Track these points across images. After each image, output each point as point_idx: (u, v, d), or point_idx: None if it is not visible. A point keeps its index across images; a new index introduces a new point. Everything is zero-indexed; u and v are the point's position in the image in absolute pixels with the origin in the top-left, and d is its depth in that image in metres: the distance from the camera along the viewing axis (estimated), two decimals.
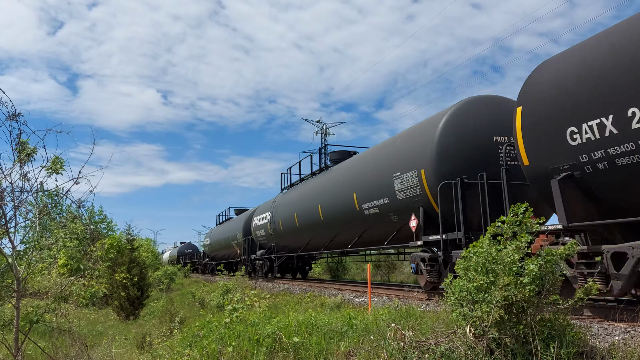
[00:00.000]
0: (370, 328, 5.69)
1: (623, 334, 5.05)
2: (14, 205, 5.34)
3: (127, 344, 8.51)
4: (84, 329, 10.29)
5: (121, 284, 13.00)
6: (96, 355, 7.28)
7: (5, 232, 5.33)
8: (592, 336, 5.01)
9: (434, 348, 4.28)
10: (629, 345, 4.40)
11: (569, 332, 4.15)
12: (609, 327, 5.41)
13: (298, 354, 5.07)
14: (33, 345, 6.58)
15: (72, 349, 7.00)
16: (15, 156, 5.23)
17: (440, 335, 4.68)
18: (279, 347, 5.25)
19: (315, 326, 5.84)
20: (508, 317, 4.02)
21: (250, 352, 5.12)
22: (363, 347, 4.93)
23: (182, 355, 5.37)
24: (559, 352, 3.90)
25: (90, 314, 13.31)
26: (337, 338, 5.47)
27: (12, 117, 5.10)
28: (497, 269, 4.06)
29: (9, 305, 6.24)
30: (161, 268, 28.30)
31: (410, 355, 4.20)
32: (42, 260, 9.39)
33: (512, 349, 3.95)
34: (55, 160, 5.29)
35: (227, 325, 6.18)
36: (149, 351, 6.87)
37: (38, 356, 6.97)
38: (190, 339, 6.27)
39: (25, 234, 6.20)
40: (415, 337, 4.58)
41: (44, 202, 6.42)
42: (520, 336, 4.01)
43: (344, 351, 4.99)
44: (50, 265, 15.93)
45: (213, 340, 5.63)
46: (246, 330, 5.68)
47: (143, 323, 11.58)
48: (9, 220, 5.34)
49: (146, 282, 14.14)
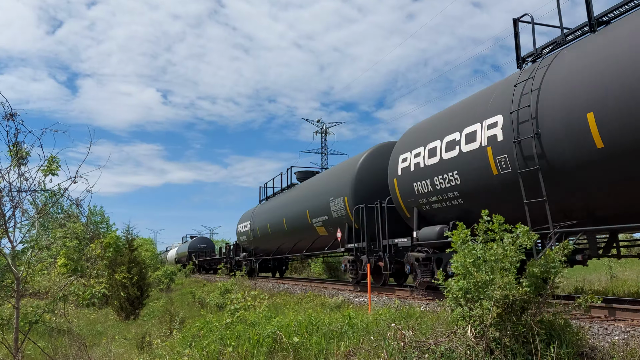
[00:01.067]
0: (370, 328, 5.68)
1: (623, 334, 5.05)
2: (12, 205, 5.33)
3: (126, 344, 8.50)
4: (83, 329, 10.28)
5: (121, 283, 12.99)
6: (96, 355, 7.28)
7: (5, 231, 5.32)
8: (592, 336, 5.00)
9: (434, 348, 4.27)
10: (629, 345, 4.39)
11: (569, 332, 4.14)
12: (609, 327, 5.40)
13: (298, 354, 5.06)
14: (33, 345, 6.57)
15: (72, 348, 7.00)
16: (12, 157, 5.22)
17: (440, 335, 4.67)
18: (279, 347, 5.24)
19: (315, 326, 5.83)
20: (508, 317, 4.01)
21: (250, 352, 5.12)
22: (363, 347, 4.92)
23: (182, 355, 5.36)
24: (559, 352, 3.89)
25: (89, 314, 13.30)
26: (337, 338, 5.46)
27: (9, 117, 5.09)
28: (494, 267, 4.05)
29: (8, 305, 6.24)
30: (161, 268, 28.18)
31: (410, 355, 4.19)
32: (41, 260, 9.38)
33: (512, 348, 3.94)
34: (51, 160, 5.27)
35: (227, 325, 6.18)
36: (149, 351, 6.86)
37: (38, 356, 6.97)
38: (190, 339, 6.26)
39: (25, 234, 6.19)
40: (415, 337, 4.58)
41: (42, 201, 6.41)
42: (520, 336, 4.00)
43: (344, 351, 4.98)
44: (50, 265, 15.95)
45: (213, 340, 5.62)
46: (246, 330, 5.68)
47: (143, 323, 11.57)
48: (8, 220, 5.34)
49: (146, 282, 14.13)
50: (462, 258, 4.24)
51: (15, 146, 5.16)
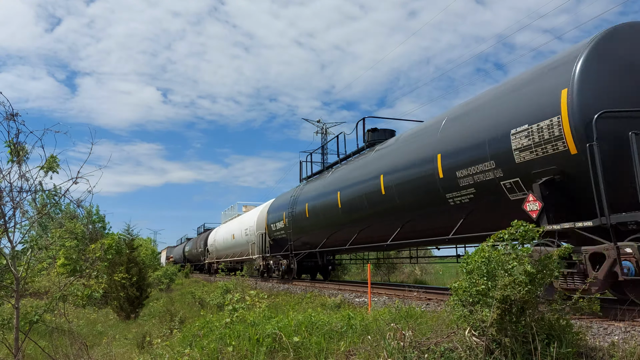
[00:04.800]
0: (370, 328, 5.69)
1: (623, 334, 5.05)
2: (13, 205, 5.33)
3: (127, 344, 8.51)
4: (83, 329, 10.29)
5: (120, 284, 12.99)
6: (96, 355, 7.28)
7: (4, 231, 5.32)
8: (592, 336, 5.01)
9: (434, 348, 4.28)
10: (629, 345, 4.40)
11: (568, 332, 4.14)
12: (608, 327, 5.41)
13: (298, 353, 5.07)
14: (33, 345, 6.58)
15: (72, 348, 7.00)
16: (10, 155, 5.22)
17: (440, 335, 4.68)
18: (279, 346, 5.25)
19: (315, 326, 5.83)
20: (508, 317, 4.01)
21: (250, 351, 5.12)
22: (363, 347, 4.93)
23: (182, 355, 5.37)
24: (559, 351, 3.89)
25: (90, 314, 13.30)
26: (337, 338, 5.47)
27: (10, 117, 5.09)
28: (497, 273, 4.06)
29: (8, 305, 6.24)
30: (160, 269, 28.03)
31: (410, 355, 4.20)
32: (40, 260, 9.38)
33: (511, 348, 3.95)
34: (51, 159, 5.28)
35: (227, 325, 6.18)
36: (149, 351, 6.87)
37: (38, 356, 6.98)
38: (190, 338, 6.27)
39: (24, 234, 6.19)
40: (415, 337, 4.58)
41: (42, 202, 6.41)
42: (520, 336, 4.00)
43: (344, 351, 4.99)
44: (50, 266, 15.95)
45: (213, 340, 5.63)
46: (246, 330, 5.68)
47: (143, 323, 11.58)
48: (8, 220, 5.34)
49: (145, 281, 14.14)
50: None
51: (15, 146, 5.16)
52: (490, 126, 7.84)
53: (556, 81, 6.68)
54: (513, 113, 7.39)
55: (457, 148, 8.62)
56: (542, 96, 6.88)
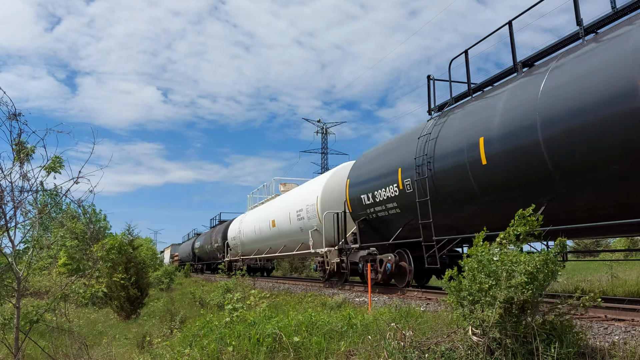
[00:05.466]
0: (370, 328, 5.69)
1: (623, 334, 5.05)
2: (14, 204, 5.34)
3: (127, 344, 8.51)
4: (84, 329, 10.29)
5: (119, 283, 12.98)
6: (96, 355, 7.29)
7: (5, 231, 5.33)
8: (592, 336, 5.01)
9: (434, 348, 4.28)
10: (629, 345, 4.40)
11: (569, 332, 4.14)
12: (609, 327, 5.41)
13: (298, 353, 5.07)
14: (33, 344, 6.58)
15: (72, 348, 7.01)
16: (14, 155, 5.23)
17: (441, 335, 4.68)
18: (279, 346, 5.25)
19: (316, 326, 5.84)
20: (509, 317, 4.01)
21: (250, 351, 5.12)
22: (363, 347, 4.93)
23: (182, 354, 5.37)
24: (560, 351, 3.89)
25: (90, 314, 13.31)
26: (337, 338, 5.47)
27: (12, 117, 5.10)
28: (499, 273, 4.05)
29: (9, 305, 6.24)
30: (160, 268, 27.92)
31: (411, 354, 4.20)
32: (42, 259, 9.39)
33: (512, 349, 3.95)
34: (55, 159, 5.29)
35: (227, 324, 6.19)
36: (149, 351, 6.87)
37: (38, 356, 6.98)
38: (190, 338, 6.27)
39: (25, 234, 6.20)
40: (415, 336, 4.58)
41: (43, 201, 6.42)
42: (521, 336, 4.00)
43: (344, 351, 4.99)
44: (50, 265, 15.96)
45: (213, 339, 5.63)
46: (246, 329, 5.68)
47: (143, 323, 11.58)
48: (9, 219, 5.35)
49: (145, 281, 14.13)
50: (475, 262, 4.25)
51: (18, 145, 5.17)
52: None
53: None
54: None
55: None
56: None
